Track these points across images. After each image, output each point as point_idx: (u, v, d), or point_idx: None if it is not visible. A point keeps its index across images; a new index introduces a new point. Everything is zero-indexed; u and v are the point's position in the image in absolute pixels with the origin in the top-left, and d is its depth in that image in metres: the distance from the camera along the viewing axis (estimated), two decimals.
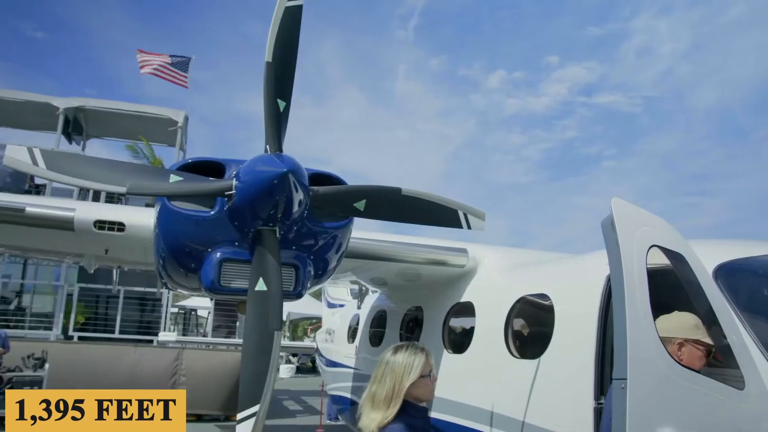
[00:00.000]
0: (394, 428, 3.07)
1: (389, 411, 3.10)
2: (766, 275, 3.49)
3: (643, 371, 2.32)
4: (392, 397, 3.14)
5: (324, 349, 11.97)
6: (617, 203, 2.55)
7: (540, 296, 4.60)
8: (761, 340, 2.90)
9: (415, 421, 3.13)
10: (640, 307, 2.42)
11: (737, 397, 2.63)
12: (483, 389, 4.86)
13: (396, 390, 3.14)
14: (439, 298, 6.08)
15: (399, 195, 4.01)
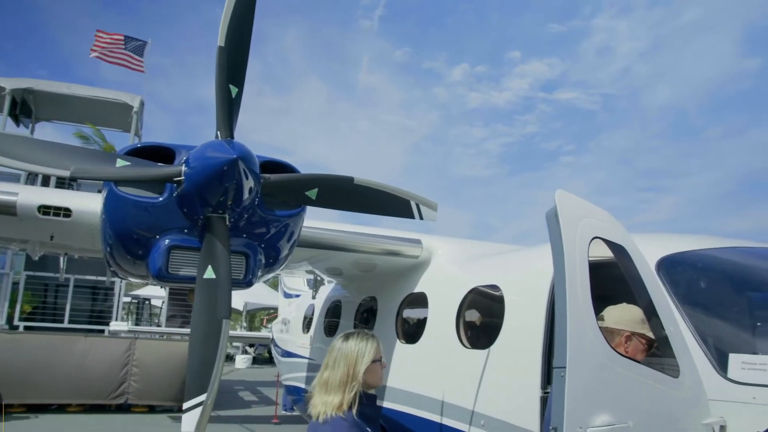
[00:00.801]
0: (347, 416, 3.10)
1: (347, 395, 3.13)
2: (705, 268, 3.60)
3: (582, 360, 2.37)
4: (347, 381, 3.18)
5: (279, 340, 11.91)
6: (561, 195, 2.60)
7: (491, 287, 4.66)
8: (698, 331, 3.00)
9: (365, 408, 3.17)
10: (581, 297, 2.47)
11: (672, 384, 2.72)
12: (434, 379, 4.90)
13: (351, 374, 3.19)
14: (393, 289, 6.11)
15: (351, 184, 4.00)
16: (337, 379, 3.18)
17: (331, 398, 3.13)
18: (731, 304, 3.45)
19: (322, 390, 3.21)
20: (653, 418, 2.61)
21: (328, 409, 3.09)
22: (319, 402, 3.16)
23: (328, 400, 3.13)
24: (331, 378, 3.19)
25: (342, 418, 3.08)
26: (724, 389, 2.77)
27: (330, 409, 3.08)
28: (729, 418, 2.71)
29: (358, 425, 3.09)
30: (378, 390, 5.31)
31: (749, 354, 2.85)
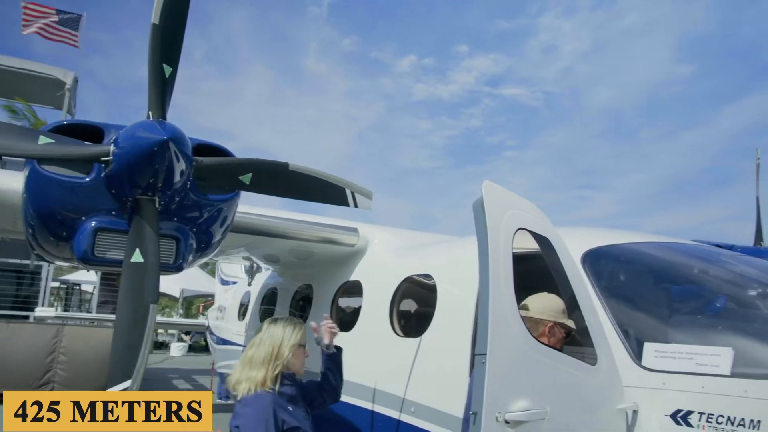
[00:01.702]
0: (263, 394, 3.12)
1: (270, 372, 3.19)
2: (626, 262, 3.76)
3: (502, 347, 2.44)
4: (270, 359, 3.25)
5: (215, 327, 11.74)
6: (488, 186, 2.65)
7: (424, 276, 4.73)
8: (617, 321, 3.13)
9: (286, 388, 3.24)
10: (504, 286, 2.54)
11: (590, 371, 2.84)
12: (367, 367, 4.94)
13: (274, 353, 3.27)
14: (329, 277, 6.10)
15: (286, 170, 3.96)
16: (261, 356, 3.24)
17: (254, 374, 3.19)
18: (649, 296, 3.62)
19: (245, 366, 3.26)
20: (570, 404, 2.71)
21: (251, 385, 3.13)
22: (243, 377, 3.20)
23: (251, 375, 3.19)
24: (256, 355, 3.26)
25: (265, 393, 3.13)
26: (638, 376, 2.90)
27: (253, 385, 3.13)
28: (641, 403, 2.85)
29: (280, 403, 3.13)
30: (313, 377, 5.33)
31: (662, 343, 3.00)
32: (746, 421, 2.46)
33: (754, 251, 8.74)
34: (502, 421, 2.34)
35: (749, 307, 3.40)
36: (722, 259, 3.92)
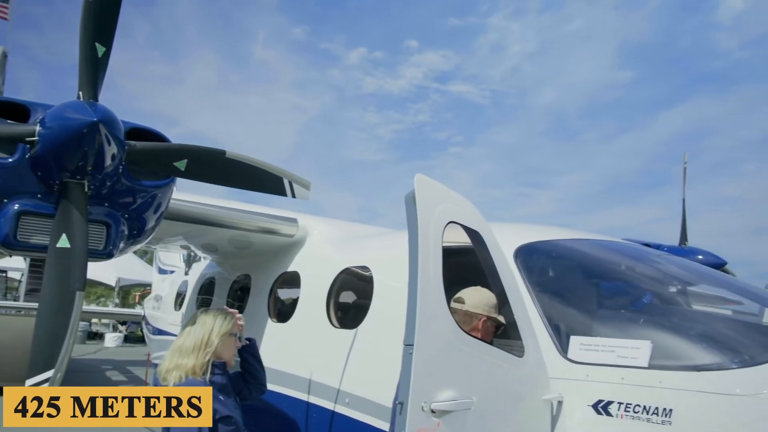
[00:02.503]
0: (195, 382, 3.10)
1: (200, 360, 3.16)
2: (559, 257, 3.87)
3: (429, 338, 2.48)
4: (200, 347, 3.23)
5: (151, 317, 11.46)
6: (420, 179, 2.68)
7: (361, 268, 4.74)
8: (546, 315, 3.22)
9: (216, 377, 3.22)
10: (433, 278, 2.58)
11: (516, 363, 2.91)
12: (304, 358, 4.92)
13: (204, 341, 3.25)
14: (267, 267, 6.04)
15: (222, 157, 3.89)
16: (190, 344, 3.22)
17: (184, 362, 3.16)
18: (577, 291, 3.74)
19: (175, 354, 3.24)
20: (497, 394, 2.78)
21: (181, 373, 3.11)
22: (173, 366, 3.17)
23: (181, 363, 3.16)
24: (185, 343, 3.24)
25: (197, 382, 3.10)
26: (564, 368, 3.00)
27: (183, 373, 3.11)
28: (566, 393, 2.94)
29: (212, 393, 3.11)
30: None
31: (587, 336, 3.11)
32: (659, 409, 2.58)
33: (679, 251, 9.19)
34: (428, 411, 2.38)
35: (669, 303, 3.56)
36: (648, 257, 4.08)
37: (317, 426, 4.56)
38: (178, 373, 3.14)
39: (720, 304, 4.02)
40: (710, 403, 2.49)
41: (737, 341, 2.90)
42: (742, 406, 2.41)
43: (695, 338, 2.92)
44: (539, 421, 2.90)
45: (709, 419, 2.48)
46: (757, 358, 2.61)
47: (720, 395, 2.48)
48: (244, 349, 3.71)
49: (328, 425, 4.40)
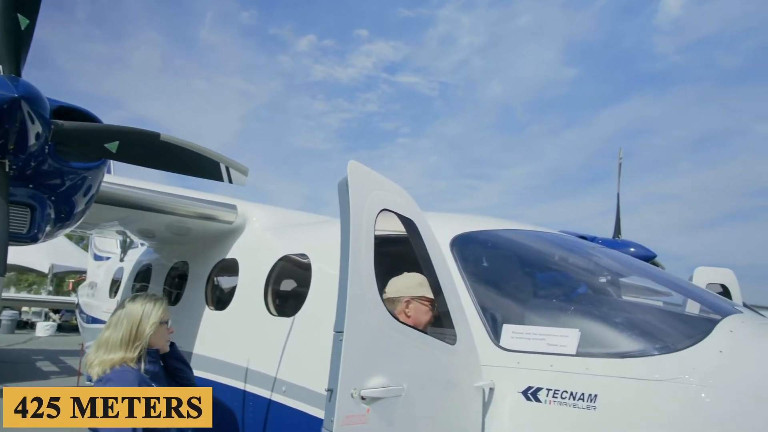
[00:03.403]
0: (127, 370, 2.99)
1: (129, 354, 3.04)
2: (494, 247, 3.93)
3: (360, 325, 2.47)
4: (129, 341, 3.10)
5: (85, 305, 11.09)
6: (353, 165, 2.66)
7: (300, 255, 4.70)
8: (480, 304, 3.26)
9: (149, 366, 3.13)
10: (364, 265, 2.57)
11: (448, 351, 2.94)
12: (241, 346, 4.85)
13: (133, 334, 3.13)
14: (205, 254, 5.92)
15: (156, 140, 3.76)
16: (118, 337, 3.09)
17: (110, 357, 3.03)
18: (511, 281, 3.81)
19: (101, 349, 3.10)
20: (428, 381, 2.80)
21: (106, 367, 2.99)
22: (97, 361, 3.04)
23: (106, 359, 3.02)
24: (112, 337, 3.11)
25: (129, 369, 3.00)
26: (496, 356, 3.04)
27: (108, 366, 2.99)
28: (497, 381, 2.99)
29: (144, 380, 3.02)
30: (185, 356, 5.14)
31: (519, 325, 3.17)
32: (585, 395, 2.65)
33: (613, 243, 9.49)
34: (358, 398, 2.37)
35: (598, 293, 3.67)
36: (581, 249, 4.19)
37: (253, 415, 4.51)
38: (102, 368, 3.02)
39: (647, 294, 4.17)
40: (632, 388, 2.58)
41: (660, 329, 3.01)
42: (662, 390, 2.51)
43: (621, 327, 3.01)
44: (470, 407, 2.94)
45: (631, 404, 2.57)
46: (677, 345, 2.71)
47: (641, 380, 2.57)
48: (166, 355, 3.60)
49: (264, 414, 4.35)
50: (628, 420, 2.55)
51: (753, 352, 2.68)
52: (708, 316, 3.06)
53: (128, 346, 3.09)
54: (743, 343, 2.71)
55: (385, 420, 2.49)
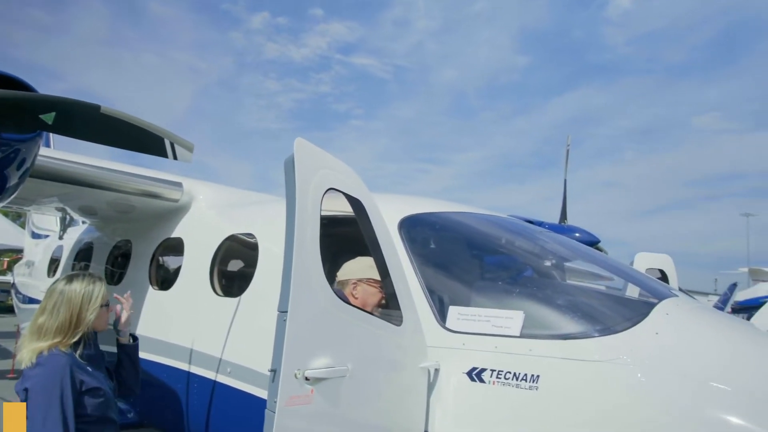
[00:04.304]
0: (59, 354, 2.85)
1: (66, 341, 2.88)
2: (442, 229, 3.95)
3: (304, 305, 2.44)
4: (69, 328, 2.91)
5: (21, 285, 10.69)
6: (300, 143, 2.61)
7: (247, 235, 4.62)
8: (427, 286, 3.28)
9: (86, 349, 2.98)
10: (309, 244, 2.54)
11: (394, 331, 2.95)
12: (186, 327, 4.76)
13: (73, 321, 2.93)
14: (149, 232, 5.76)
15: (96, 113, 3.58)
16: (55, 325, 2.88)
17: (42, 344, 2.85)
18: (458, 263, 3.84)
19: (34, 336, 2.89)
20: (373, 362, 2.80)
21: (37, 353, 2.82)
22: (28, 348, 2.85)
23: (38, 346, 2.84)
24: (48, 324, 2.89)
25: (61, 353, 2.84)
26: (442, 337, 3.07)
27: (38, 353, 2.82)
28: (443, 361, 3.01)
29: (78, 364, 2.88)
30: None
31: (465, 306, 3.20)
32: (528, 375, 2.71)
33: (559, 228, 9.71)
34: (302, 378, 2.35)
35: (543, 276, 3.74)
36: (528, 233, 4.25)
37: (198, 396, 4.44)
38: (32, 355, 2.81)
39: (590, 278, 4.28)
40: (573, 369, 2.64)
41: (600, 312, 3.09)
42: (601, 370, 2.58)
43: (564, 309, 3.08)
44: (416, 388, 2.96)
45: (571, 383, 2.63)
46: (616, 327, 2.79)
47: (582, 361, 2.64)
48: (124, 350, 3.44)
49: (209, 395, 4.29)
50: (568, 400, 2.61)
51: (686, 334, 2.78)
52: (646, 300, 3.15)
53: (66, 333, 2.91)
54: (678, 326, 2.82)
55: (329, 401, 2.48)
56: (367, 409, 2.74)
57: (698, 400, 2.39)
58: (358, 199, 3.01)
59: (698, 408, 2.37)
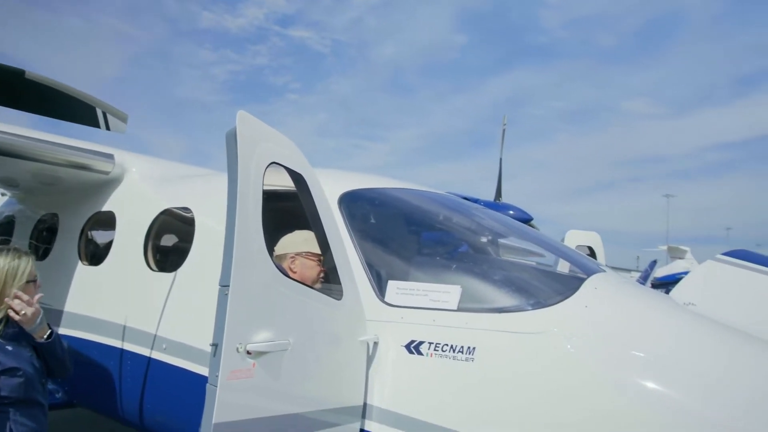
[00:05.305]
0: None
1: None
2: (381, 205, 3.99)
3: (246, 280, 2.44)
4: None
5: None
6: (242, 116, 2.58)
7: (183, 209, 4.52)
8: (366, 260, 3.31)
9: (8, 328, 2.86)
10: (251, 218, 2.52)
11: (335, 305, 2.98)
12: (118, 303, 4.64)
13: None
14: (78, 206, 5.52)
15: (21, 78, 3.39)
16: None
17: None
18: (397, 238, 3.91)
19: None
20: (314, 335, 2.83)
21: None
22: None
23: None
24: None
25: None
26: (380, 311, 3.12)
27: None
28: (381, 335, 3.07)
29: None
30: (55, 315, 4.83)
31: (404, 281, 3.26)
32: (465, 348, 2.79)
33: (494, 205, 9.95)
34: (244, 352, 2.35)
35: (480, 252, 3.84)
36: (465, 210, 4.35)
37: (131, 374, 4.36)
38: None
39: (523, 254, 4.43)
40: (507, 341, 2.75)
41: (533, 287, 3.22)
42: (533, 342, 2.70)
43: (499, 284, 3.19)
44: (355, 361, 3.01)
45: (505, 355, 2.75)
46: (548, 300, 2.91)
47: (515, 334, 2.75)
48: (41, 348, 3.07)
49: (143, 372, 4.22)
50: (502, 370, 2.72)
51: (613, 306, 2.94)
52: (576, 275, 3.30)
53: None
54: (605, 299, 2.97)
55: (271, 374, 2.50)
56: (307, 382, 2.77)
57: (619, 368, 2.54)
58: (300, 174, 3.01)
59: (619, 374, 2.53)
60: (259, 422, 2.46)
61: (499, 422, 2.65)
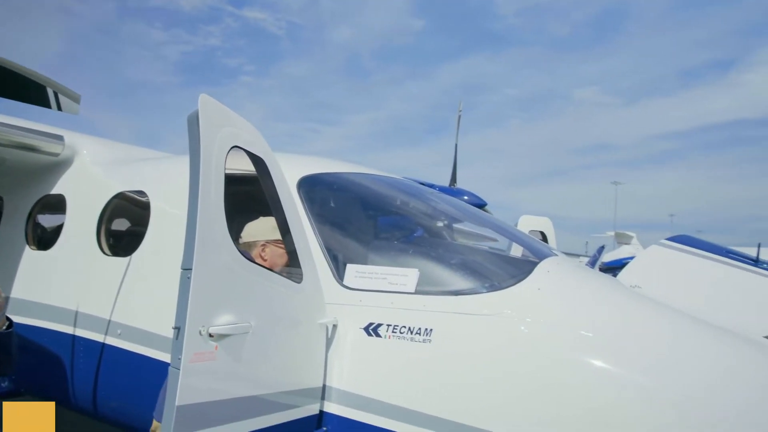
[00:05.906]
0: None
1: None
2: (340, 189, 4.03)
3: (208, 263, 2.44)
4: None
5: None
6: (204, 99, 2.56)
7: (138, 193, 4.44)
8: (326, 244, 3.35)
9: None
10: (214, 202, 2.52)
11: (295, 289, 3.01)
12: (69, 289, 4.53)
13: None
14: (25, 189, 5.35)
15: None
16: None
17: None
18: (355, 222, 3.95)
19: None
20: (275, 318, 2.85)
21: None
22: None
23: None
24: None
25: None
26: (339, 294, 3.17)
27: None
28: (341, 318, 3.12)
29: None
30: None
31: (363, 265, 3.31)
32: (422, 329, 2.87)
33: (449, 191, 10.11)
34: (206, 335, 2.36)
35: (436, 236, 3.93)
36: (422, 195, 4.43)
37: (84, 360, 4.29)
38: None
39: (478, 238, 4.55)
40: (463, 322, 2.84)
41: (488, 270, 3.32)
42: (488, 324, 2.80)
43: (455, 267, 3.28)
44: (315, 343, 3.05)
45: (461, 336, 2.84)
46: (503, 283, 3.02)
47: (471, 315, 2.84)
48: None
49: (97, 359, 4.16)
50: (458, 350, 2.81)
51: (564, 289, 3.08)
52: (529, 259, 3.42)
53: None
54: (557, 282, 3.09)
55: (232, 356, 2.51)
56: (268, 365, 2.80)
57: (570, 347, 2.67)
58: (261, 158, 3.01)
59: (570, 354, 2.65)
60: (221, 404, 2.48)
61: (455, 400, 2.74)
